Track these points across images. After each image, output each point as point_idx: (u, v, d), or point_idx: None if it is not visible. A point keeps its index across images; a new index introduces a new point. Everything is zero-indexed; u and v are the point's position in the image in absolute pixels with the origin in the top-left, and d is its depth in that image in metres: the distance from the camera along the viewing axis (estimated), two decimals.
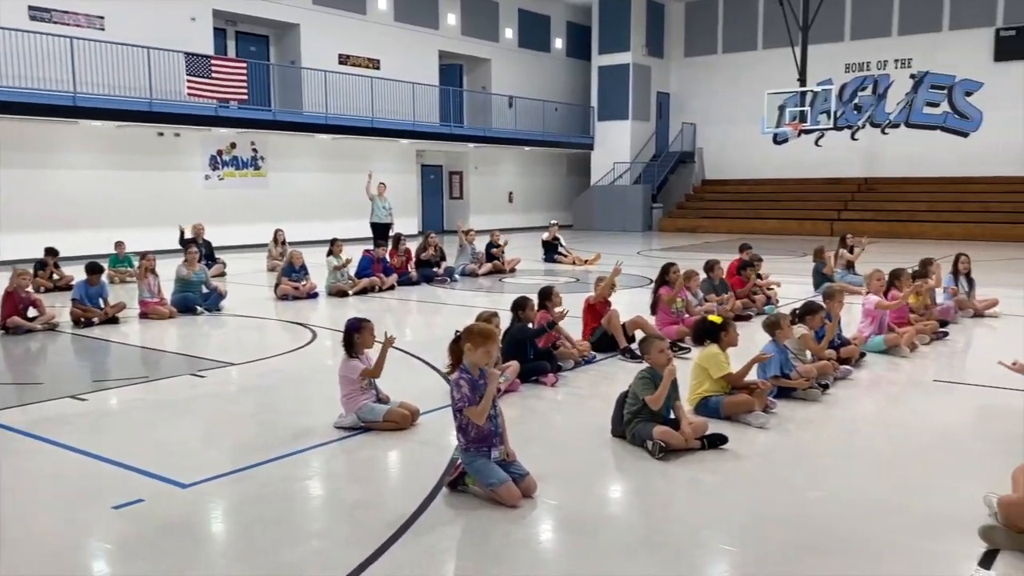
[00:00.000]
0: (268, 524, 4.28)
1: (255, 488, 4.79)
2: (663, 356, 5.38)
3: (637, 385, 5.36)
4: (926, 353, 8.33)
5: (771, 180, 29.83)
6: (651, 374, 5.37)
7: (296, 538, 4.09)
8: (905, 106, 28.17)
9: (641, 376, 5.42)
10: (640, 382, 5.35)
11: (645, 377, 5.35)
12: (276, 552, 3.93)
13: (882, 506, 4.43)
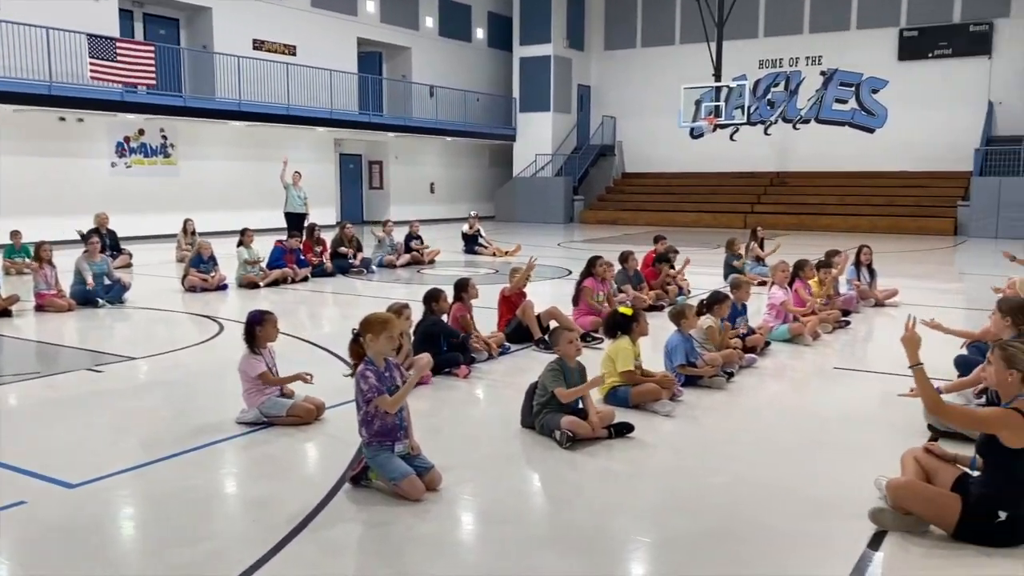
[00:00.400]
0: (158, 525, 4.11)
1: (148, 487, 4.60)
2: (572, 347, 5.38)
3: (546, 377, 5.34)
4: (828, 342, 8.58)
5: (688, 173, 30.38)
6: (560, 365, 5.37)
7: (187, 539, 3.93)
8: (815, 102, 29.05)
9: (550, 368, 5.41)
10: (549, 374, 5.34)
11: (554, 369, 5.34)
12: (165, 554, 3.78)
13: (781, 491, 4.52)
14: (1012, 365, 3.76)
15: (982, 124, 25.35)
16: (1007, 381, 3.78)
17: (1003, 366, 3.77)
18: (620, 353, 5.97)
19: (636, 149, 31.94)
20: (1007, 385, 3.78)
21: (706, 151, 30.17)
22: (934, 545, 3.80)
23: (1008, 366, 3.76)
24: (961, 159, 25.53)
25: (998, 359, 3.79)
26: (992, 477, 3.73)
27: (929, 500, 3.81)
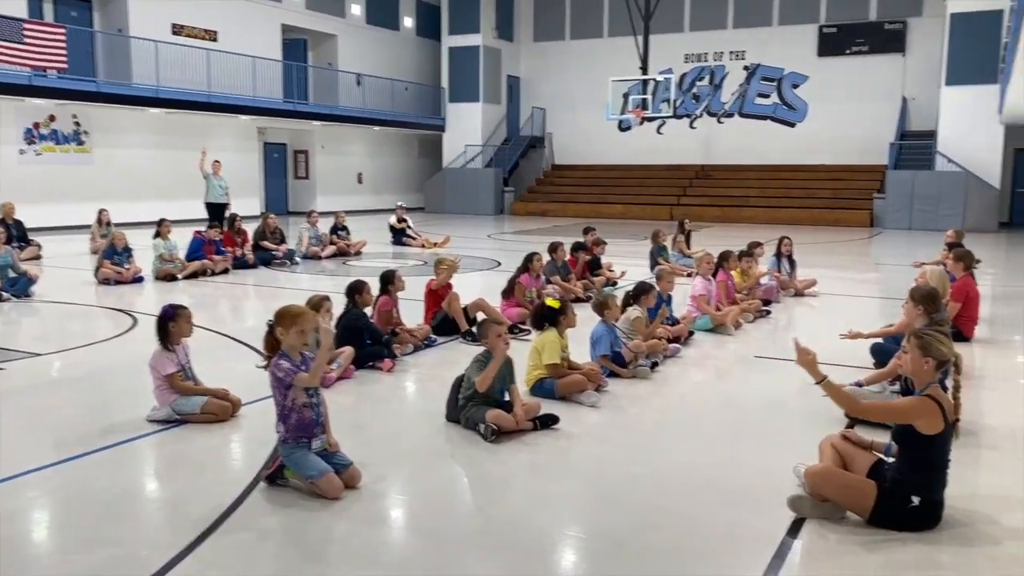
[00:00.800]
0: (63, 529, 3.90)
1: (53, 489, 4.36)
2: (500, 341, 5.31)
3: (472, 369, 5.26)
4: (750, 331, 8.73)
5: (616, 166, 30.64)
6: (486, 358, 5.29)
7: (94, 542, 3.73)
8: (739, 96, 29.62)
9: (476, 360, 5.33)
10: (475, 366, 5.26)
11: (480, 361, 5.27)
12: (69, 559, 3.58)
13: (705, 481, 4.54)
14: (927, 353, 3.84)
15: (896, 119, 26.22)
16: (922, 369, 3.86)
17: (919, 354, 3.85)
18: (547, 345, 5.93)
19: (566, 141, 32.06)
20: (922, 373, 3.86)
21: (634, 144, 30.46)
22: (850, 531, 3.85)
23: (923, 354, 3.83)
24: (877, 153, 26.36)
25: (914, 347, 3.86)
26: (907, 463, 3.81)
27: (845, 487, 3.87)
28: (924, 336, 3.87)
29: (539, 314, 6.05)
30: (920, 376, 3.91)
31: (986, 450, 5.06)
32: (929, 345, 3.82)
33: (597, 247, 11.42)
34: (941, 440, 3.76)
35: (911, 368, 3.92)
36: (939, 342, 3.86)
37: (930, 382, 3.85)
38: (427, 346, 7.71)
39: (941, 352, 3.83)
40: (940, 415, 3.76)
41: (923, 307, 5.30)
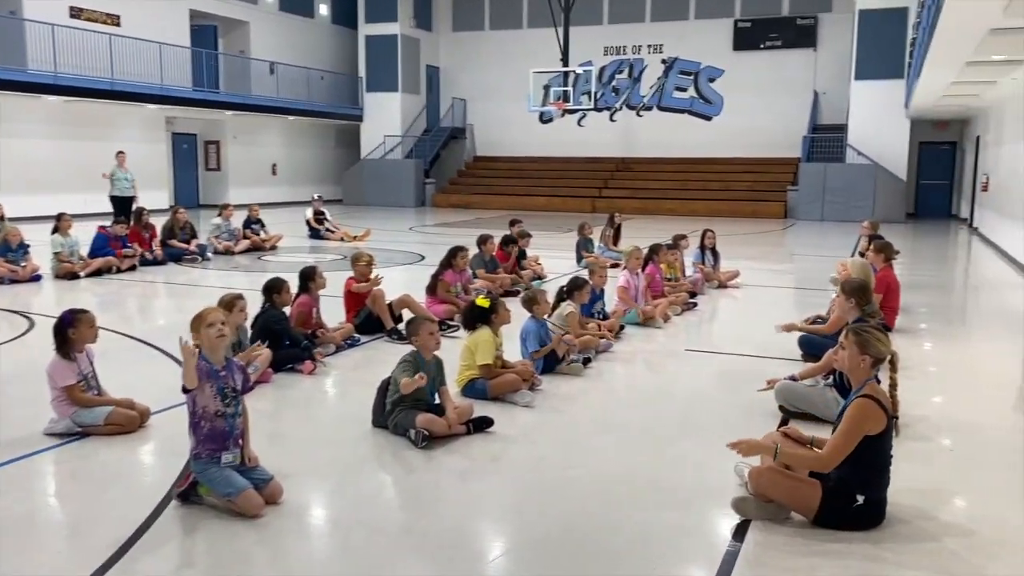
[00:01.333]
0: None
1: None
2: (432, 339, 5.06)
3: (399, 371, 5.00)
4: (679, 324, 8.69)
5: (538, 158, 30.57)
6: (414, 358, 5.03)
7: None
8: (657, 90, 29.92)
9: (403, 361, 5.06)
10: (402, 367, 4.99)
11: (407, 361, 5.01)
12: None
13: (644, 482, 4.41)
14: (865, 351, 3.78)
15: (808, 113, 26.90)
16: (859, 366, 3.80)
17: (856, 351, 3.78)
18: (480, 345, 5.71)
19: (487, 132, 31.83)
20: (859, 370, 3.79)
21: (555, 136, 30.44)
22: (795, 532, 3.77)
23: (861, 351, 3.77)
24: (790, 146, 26.99)
25: (851, 343, 3.80)
26: (850, 462, 3.73)
27: (790, 487, 3.78)
28: (862, 333, 3.80)
29: (470, 314, 5.81)
30: (856, 373, 3.84)
31: (917, 442, 5.06)
32: (867, 343, 3.76)
33: (522, 240, 11.24)
34: (883, 438, 3.70)
35: (848, 365, 3.85)
36: (877, 340, 3.80)
37: (866, 379, 3.79)
38: (350, 346, 7.39)
39: (879, 350, 3.77)
40: (882, 414, 3.71)
41: (855, 300, 5.29)
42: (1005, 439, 5.23)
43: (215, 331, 3.94)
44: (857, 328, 3.85)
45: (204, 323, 3.94)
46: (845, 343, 3.83)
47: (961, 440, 5.13)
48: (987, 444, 5.20)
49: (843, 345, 3.86)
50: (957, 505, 4.16)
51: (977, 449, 5.06)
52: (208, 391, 3.91)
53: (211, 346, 3.96)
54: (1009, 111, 15.59)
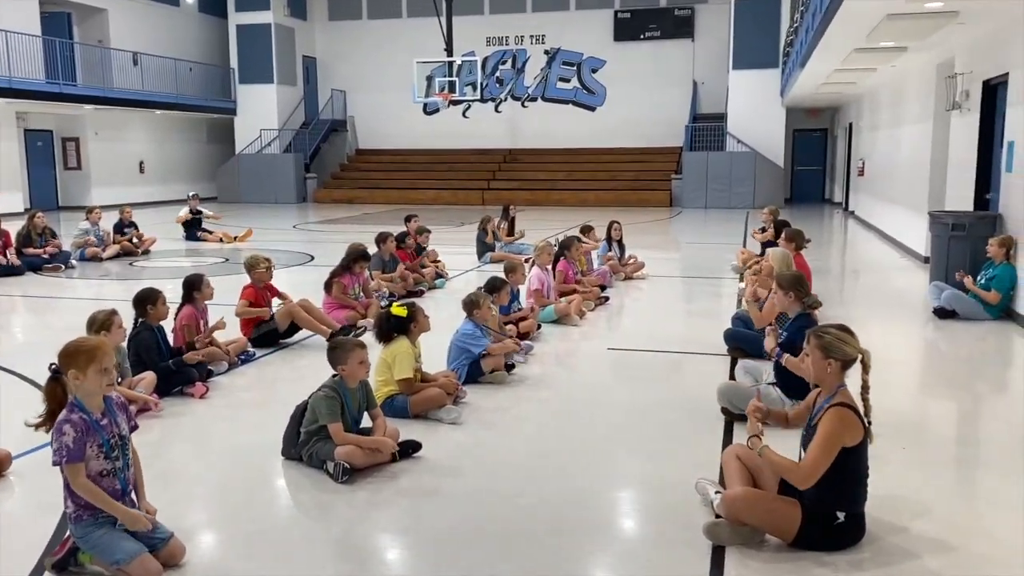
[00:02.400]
0: None
1: None
2: (363, 369, 4.45)
3: (320, 403, 4.35)
4: (594, 320, 8.35)
5: (424, 150, 29.87)
6: (338, 390, 4.41)
7: None
8: (541, 80, 29.77)
9: (326, 394, 4.37)
10: (325, 401, 4.33)
11: (331, 396, 4.36)
12: None
13: (601, 506, 3.99)
14: (829, 354, 3.46)
15: (689, 102, 27.35)
16: (827, 372, 3.49)
17: (820, 356, 3.47)
18: (398, 357, 5.15)
19: (369, 125, 30.86)
20: (827, 376, 3.48)
21: (440, 128, 29.84)
22: (775, 557, 3.43)
23: (825, 355, 3.46)
24: (673, 135, 27.40)
25: (814, 348, 3.48)
26: (827, 477, 3.42)
27: (770, 511, 3.44)
28: (823, 336, 3.48)
29: (386, 325, 5.22)
30: (825, 380, 3.52)
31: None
32: (830, 346, 3.45)
33: (421, 236, 10.66)
34: (860, 448, 3.41)
35: (814, 373, 3.53)
36: (841, 341, 3.49)
37: (838, 385, 3.48)
38: (244, 362, 6.65)
39: (844, 352, 3.47)
40: (859, 423, 3.42)
41: (793, 293, 5.03)
42: (947, 433, 5.12)
43: (107, 379, 3.24)
44: (818, 331, 3.53)
45: (93, 363, 3.20)
46: (808, 349, 3.51)
47: (905, 438, 4.95)
48: (930, 440, 5.08)
49: (806, 352, 3.54)
50: (926, 517, 3.90)
51: (923, 447, 4.91)
52: (89, 451, 3.21)
53: (97, 391, 3.26)
54: (885, 97, 16.14)
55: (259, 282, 7.18)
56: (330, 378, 4.51)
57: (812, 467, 3.36)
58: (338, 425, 4.31)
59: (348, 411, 4.43)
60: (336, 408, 4.35)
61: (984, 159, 9.56)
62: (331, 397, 4.35)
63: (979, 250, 8.50)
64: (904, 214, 13.62)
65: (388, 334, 5.25)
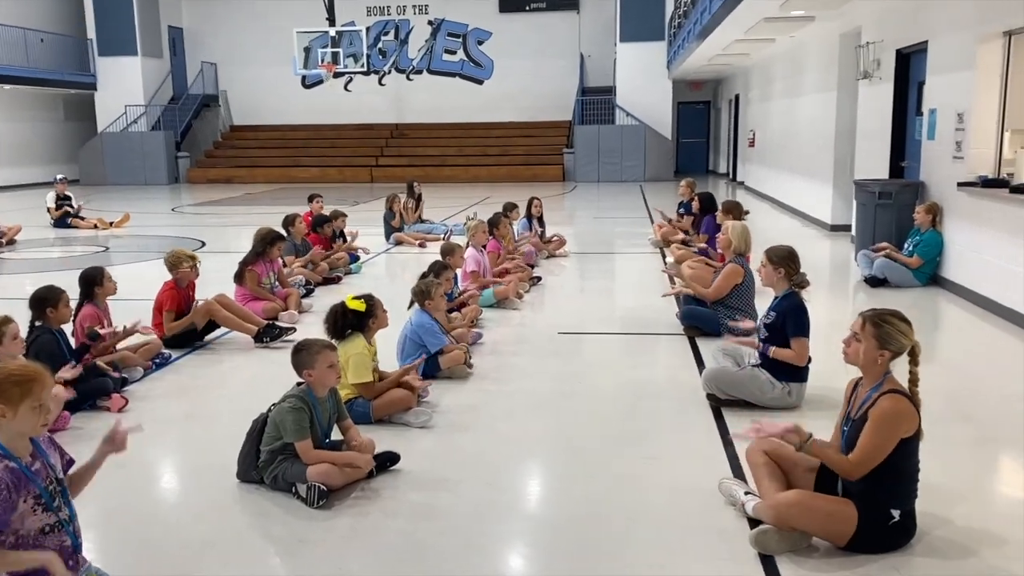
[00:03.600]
0: None
1: None
2: (332, 373, 3.84)
3: (285, 416, 3.72)
4: (533, 303, 7.94)
5: (305, 126, 28.52)
6: (306, 399, 3.79)
7: None
8: (426, 52, 28.96)
9: (292, 400, 3.76)
10: (292, 414, 3.71)
11: (298, 408, 3.73)
12: None
13: (616, 519, 3.57)
14: (886, 345, 3.17)
15: (577, 75, 27.23)
16: (876, 363, 3.19)
17: (875, 345, 3.16)
18: (354, 358, 4.55)
19: (244, 99, 29.20)
20: (876, 366, 3.19)
21: (322, 102, 28.57)
22: (824, 563, 3.12)
23: (881, 345, 3.16)
24: (562, 109, 27.26)
25: (870, 337, 3.17)
26: (880, 473, 3.14)
27: (827, 514, 3.12)
28: (882, 324, 3.17)
29: (341, 322, 4.60)
30: (872, 369, 3.22)
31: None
32: (889, 337, 3.15)
33: (337, 219, 9.92)
34: (915, 441, 3.14)
35: (862, 360, 3.22)
36: (900, 332, 3.18)
37: (884, 373, 3.20)
38: (159, 366, 5.86)
39: (901, 345, 3.18)
40: (915, 412, 3.15)
41: (784, 269, 4.76)
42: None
43: (44, 418, 2.56)
44: (876, 318, 3.21)
45: (28, 398, 2.52)
46: (862, 335, 3.19)
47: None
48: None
49: (857, 337, 3.23)
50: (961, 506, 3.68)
51: None
52: (23, 506, 2.53)
53: (29, 431, 2.58)
54: (779, 69, 16.39)
55: (183, 281, 6.35)
56: (295, 386, 3.90)
57: (868, 455, 3.05)
58: (307, 442, 3.72)
59: (318, 424, 3.84)
60: (304, 422, 3.75)
61: (898, 128, 9.71)
62: (298, 409, 3.74)
63: (904, 218, 8.61)
64: (806, 184, 13.87)
65: (342, 331, 4.65)
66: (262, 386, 4.96)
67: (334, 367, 3.83)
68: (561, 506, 3.71)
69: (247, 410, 4.12)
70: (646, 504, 3.69)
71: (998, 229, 7.07)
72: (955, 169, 7.83)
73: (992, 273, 7.15)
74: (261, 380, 5.39)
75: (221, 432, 4.48)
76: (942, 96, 8.23)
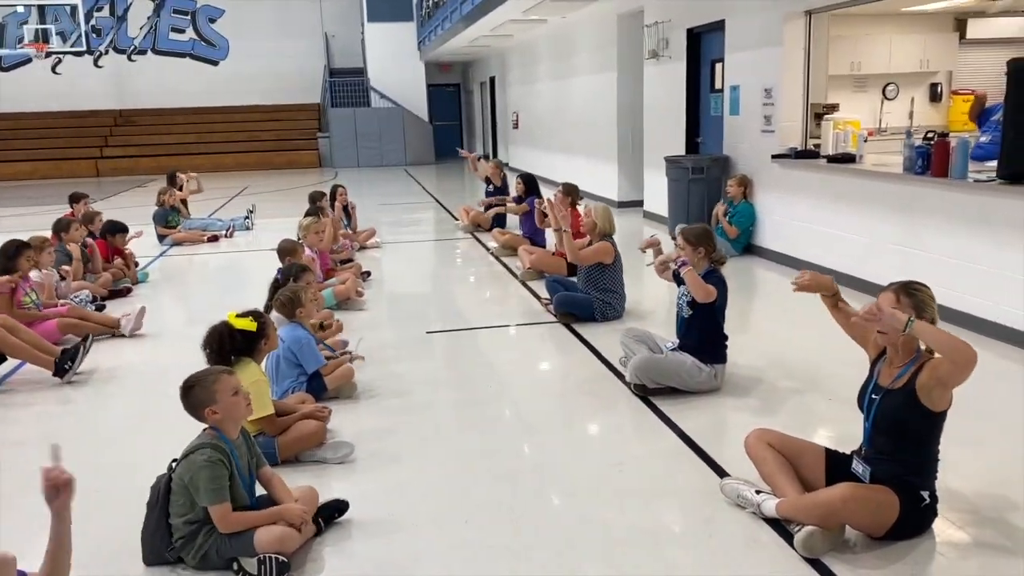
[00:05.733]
0: None
1: None
2: (240, 403, 3.02)
3: (200, 474, 2.86)
4: (377, 301, 7.22)
5: (5, 115, 24.58)
6: (222, 447, 2.95)
7: None
8: (150, 30, 26.18)
9: (206, 451, 2.91)
10: (208, 471, 2.86)
11: (215, 463, 2.89)
12: None
13: (602, 527, 3.17)
14: (921, 314, 2.99)
15: (323, 56, 26.02)
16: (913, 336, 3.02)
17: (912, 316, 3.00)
18: (252, 388, 3.68)
19: None
20: (912, 340, 3.01)
21: (23, 87, 24.83)
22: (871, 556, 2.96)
23: (918, 315, 3.00)
24: (311, 91, 25.95)
25: (907, 308, 2.97)
26: (909, 451, 3.01)
27: (878, 505, 2.92)
28: (915, 293, 3.01)
29: (229, 345, 3.70)
30: (908, 345, 3.02)
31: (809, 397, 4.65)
32: (924, 304, 3.00)
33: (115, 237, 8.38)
34: (944, 417, 3.04)
35: (892, 334, 3.01)
36: (932, 299, 3.04)
37: (917, 347, 3.06)
38: None
39: (933, 311, 3.05)
40: None
41: (703, 248, 4.59)
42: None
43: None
44: (909, 288, 3.03)
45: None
46: (898, 309, 3.00)
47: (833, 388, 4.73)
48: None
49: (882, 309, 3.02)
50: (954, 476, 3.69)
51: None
52: None
53: None
54: (545, 49, 16.63)
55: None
56: (202, 434, 3.04)
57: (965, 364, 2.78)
58: (225, 507, 2.90)
59: (239, 476, 3.03)
60: (224, 479, 2.92)
61: (692, 105, 10.10)
62: (215, 463, 2.89)
63: (713, 191, 8.97)
64: (586, 163, 14.17)
65: (228, 355, 3.76)
66: (113, 432, 3.92)
67: (240, 394, 3.03)
68: (549, 530, 3.23)
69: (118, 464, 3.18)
70: (648, 519, 3.32)
71: (815, 197, 7.52)
72: (765, 142, 8.25)
73: (811, 238, 7.61)
74: (66, 423, 4.32)
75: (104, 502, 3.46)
76: (744, 73, 8.62)
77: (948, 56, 10.93)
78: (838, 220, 7.20)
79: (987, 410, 4.20)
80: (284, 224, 10.54)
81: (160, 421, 4.02)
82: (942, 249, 5.90)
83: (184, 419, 3.07)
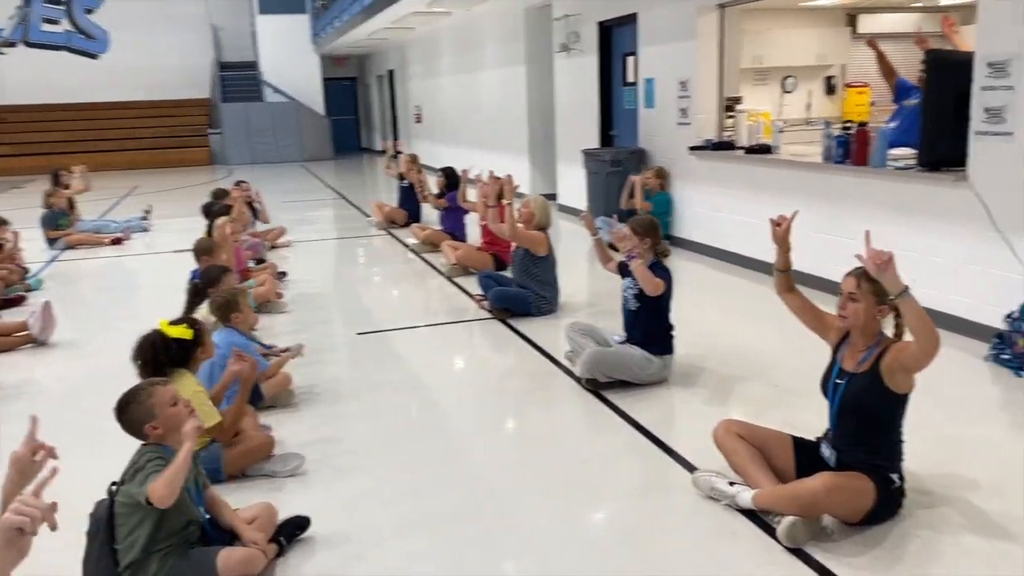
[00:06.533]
0: None
1: None
2: (181, 412, 2.77)
3: (147, 468, 2.62)
4: (298, 303, 6.90)
5: None
6: (167, 459, 2.70)
7: None
8: (20, 22, 24.47)
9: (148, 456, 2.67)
10: (154, 464, 2.62)
11: (157, 459, 2.65)
12: None
13: (580, 528, 3.09)
14: (884, 299, 3.01)
15: (211, 49, 24.98)
16: (875, 319, 3.05)
17: (874, 301, 3.03)
18: (193, 399, 3.42)
19: None
20: (875, 323, 3.06)
21: None
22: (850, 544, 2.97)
23: (880, 300, 3.04)
24: (199, 86, 24.87)
25: (867, 293, 3.02)
26: (878, 435, 3.05)
27: (856, 492, 2.94)
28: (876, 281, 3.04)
29: (164, 355, 3.40)
30: (870, 327, 3.01)
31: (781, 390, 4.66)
32: (884, 290, 3.04)
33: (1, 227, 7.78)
34: (907, 399, 3.09)
35: (863, 318, 3.01)
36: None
37: (879, 331, 3.09)
38: None
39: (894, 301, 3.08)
40: None
41: (650, 239, 4.56)
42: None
43: None
44: (869, 275, 3.06)
45: None
46: (858, 293, 3.02)
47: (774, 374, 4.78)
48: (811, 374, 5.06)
49: (853, 296, 3.03)
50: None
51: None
52: None
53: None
54: (448, 44, 16.44)
55: None
56: (141, 448, 2.77)
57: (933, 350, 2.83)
58: (159, 479, 2.65)
59: (188, 491, 2.77)
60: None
61: (604, 98, 10.15)
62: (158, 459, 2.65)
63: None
64: (496, 157, 14.05)
65: (161, 367, 3.47)
66: None
67: (180, 403, 2.79)
68: (524, 534, 3.11)
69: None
70: (622, 517, 3.25)
71: (734, 187, 7.66)
72: (682, 134, 8.35)
73: (732, 228, 7.75)
74: None
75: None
76: (659, 66, 8.70)
77: (842, 50, 11.35)
78: (758, 209, 7.33)
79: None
80: (184, 224, 10.02)
81: (84, 441, 3.69)
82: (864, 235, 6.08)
83: (110, 438, 2.81)
